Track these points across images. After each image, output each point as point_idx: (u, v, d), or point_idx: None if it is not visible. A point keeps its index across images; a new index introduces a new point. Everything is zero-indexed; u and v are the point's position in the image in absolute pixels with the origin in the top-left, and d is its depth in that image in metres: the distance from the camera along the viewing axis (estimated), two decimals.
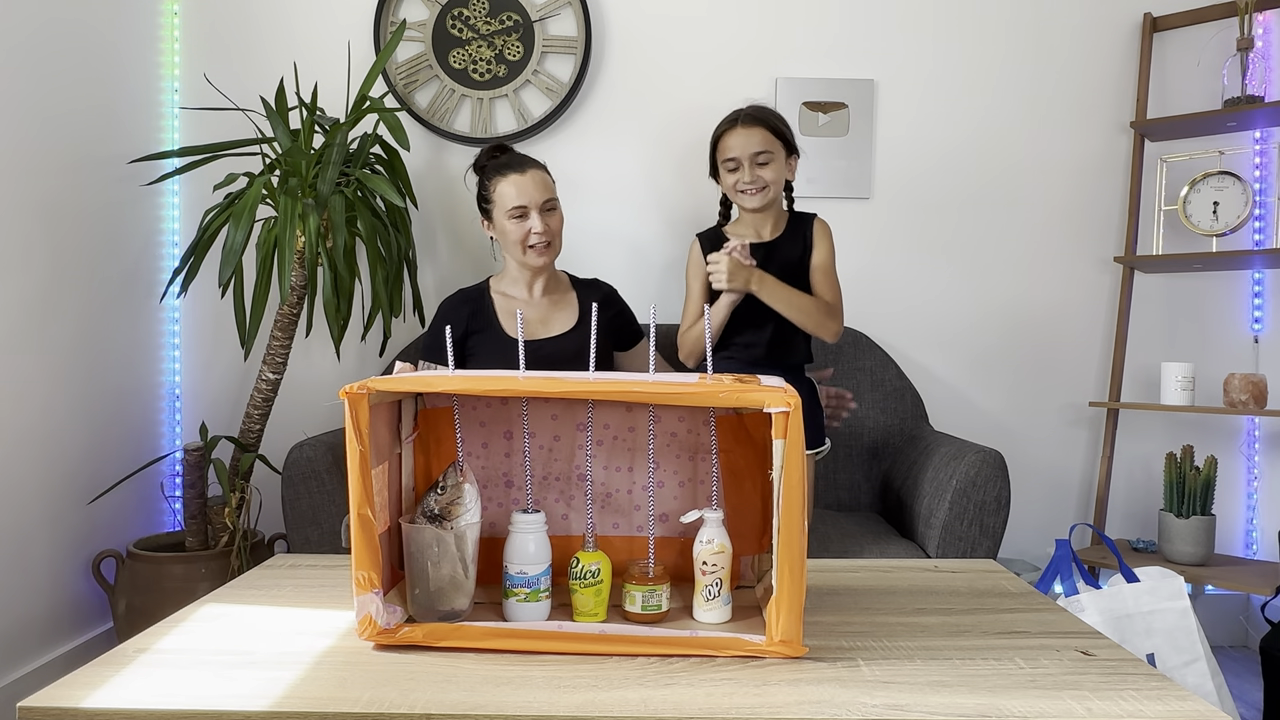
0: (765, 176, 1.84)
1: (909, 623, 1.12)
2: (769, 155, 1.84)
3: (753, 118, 1.86)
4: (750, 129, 1.84)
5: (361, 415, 0.98)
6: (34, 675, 1.97)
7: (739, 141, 1.84)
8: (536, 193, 1.92)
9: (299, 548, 1.93)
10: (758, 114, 1.86)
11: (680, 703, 0.87)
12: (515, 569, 1.05)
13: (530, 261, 1.95)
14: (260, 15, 2.53)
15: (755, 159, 1.83)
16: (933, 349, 2.56)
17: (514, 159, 1.98)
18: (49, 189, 2.05)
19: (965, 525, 1.85)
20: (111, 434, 2.27)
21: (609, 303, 2.08)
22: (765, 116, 1.86)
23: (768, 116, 1.87)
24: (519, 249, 1.94)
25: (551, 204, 1.96)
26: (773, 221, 1.91)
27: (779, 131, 1.86)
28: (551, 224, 1.95)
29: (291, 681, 0.91)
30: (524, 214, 1.92)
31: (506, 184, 1.93)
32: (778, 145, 1.85)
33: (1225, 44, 2.46)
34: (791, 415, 0.96)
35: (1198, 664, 1.69)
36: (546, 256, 1.95)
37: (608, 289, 2.12)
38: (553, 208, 1.97)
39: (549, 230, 1.93)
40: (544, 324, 2.00)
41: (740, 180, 1.84)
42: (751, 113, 1.87)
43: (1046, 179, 2.55)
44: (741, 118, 1.86)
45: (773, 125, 1.86)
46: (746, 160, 1.83)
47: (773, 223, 1.91)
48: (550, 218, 1.95)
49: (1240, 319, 2.52)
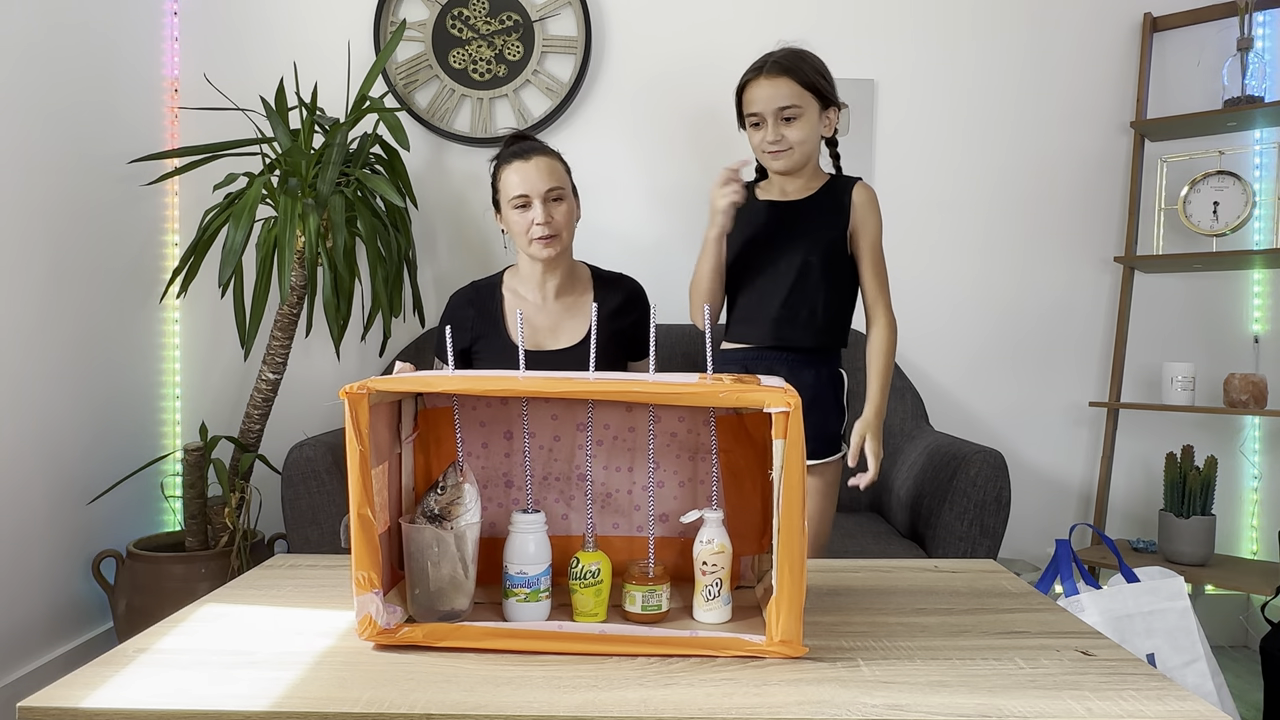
0: (790, 136, 1.61)
1: (909, 623, 1.11)
2: (797, 110, 1.60)
3: (780, 65, 1.60)
4: (776, 79, 1.60)
5: (361, 415, 0.98)
6: (34, 675, 1.97)
7: (763, 94, 1.60)
8: (540, 181, 1.79)
9: (299, 548, 1.93)
10: (786, 61, 1.60)
11: (680, 703, 0.87)
12: (515, 569, 1.05)
13: (535, 254, 1.82)
14: (260, 15, 2.53)
15: (781, 114, 1.60)
16: (933, 349, 2.56)
17: (523, 147, 1.85)
18: (49, 189, 2.05)
19: (965, 525, 1.85)
20: (111, 434, 2.27)
21: (630, 306, 1.93)
22: (794, 64, 1.60)
23: (797, 64, 1.61)
24: (525, 241, 1.82)
25: (558, 193, 1.82)
26: (804, 181, 1.69)
27: (811, 83, 1.61)
28: (557, 215, 1.81)
29: (291, 681, 0.91)
30: (526, 203, 1.80)
31: (510, 171, 1.82)
32: (809, 99, 1.61)
33: (1225, 44, 2.46)
34: (791, 415, 0.96)
35: (1198, 664, 1.69)
36: (551, 250, 1.81)
37: (631, 288, 1.96)
38: (559, 197, 1.82)
39: (553, 222, 1.79)
40: (553, 333, 1.89)
41: (764, 139, 1.63)
42: (779, 59, 1.61)
43: (1046, 179, 2.55)
44: (767, 66, 1.61)
45: (803, 75, 1.60)
46: (770, 116, 1.61)
47: (804, 183, 1.69)
48: (555, 208, 1.81)
49: (1240, 319, 2.52)
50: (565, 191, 1.85)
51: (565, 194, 1.84)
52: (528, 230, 1.81)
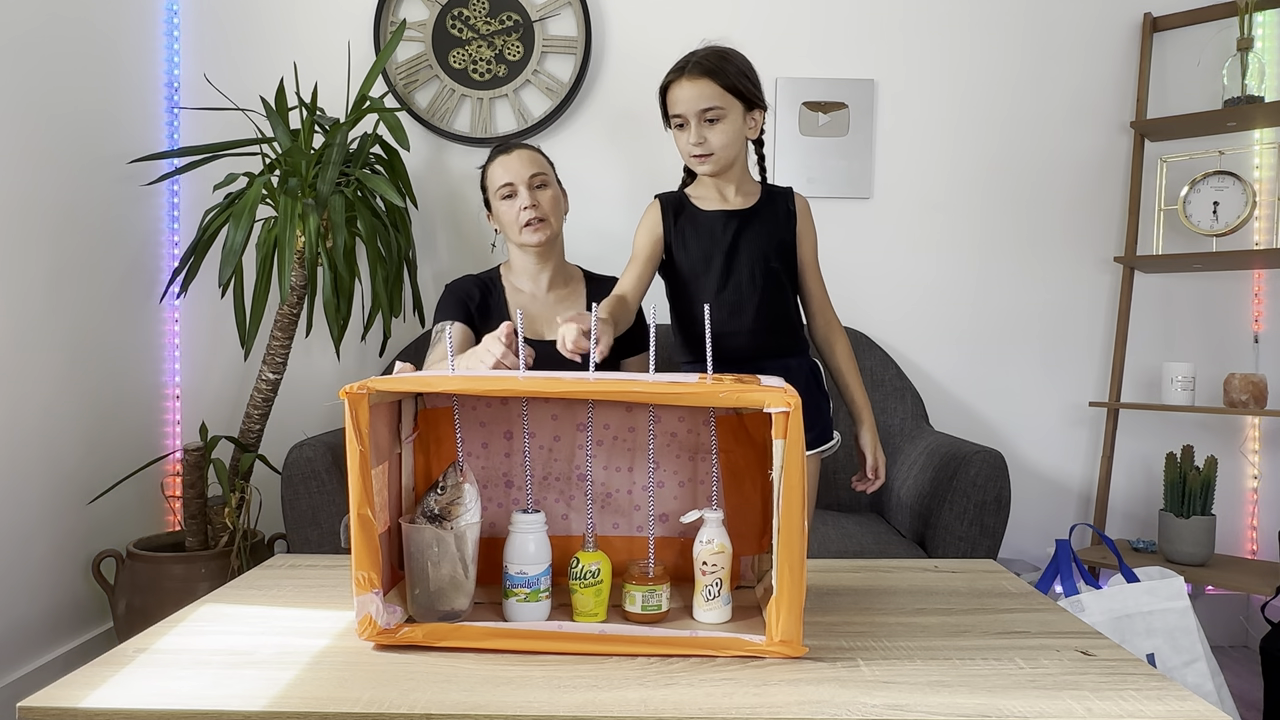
0: (713, 140, 1.56)
1: (909, 623, 1.12)
2: (720, 112, 1.55)
3: (701, 66, 1.55)
4: (697, 80, 1.54)
5: (361, 415, 0.98)
6: (34, 675, 1.97)
7: (685, 95, 1.55)
8: (523, 168, 1.84)
9: (299, 548, 1.93)
10: (707, 62, 1.55)
11: (680, 703, 0.87)
12: (515, 569, 1.05)
13: (526, 240, 1.85)
14: (260, 15, 2.53)
15: (703, 116, 1.55)
16: (933, 349, 2.56)
17: (506, 144, 1.92)
18: (49, 189, 2.05)
19: (965, 525, 1.85)
20: (111, 434, 2.27)
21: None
22: (716, 65, 1.55)
23: (720, 65, 1.55)
24: (516, 231, 1.86)
25: (542, 180, 1.87)
26: (738, 184, 1.65)
27: (733, 85, 1.56)
28: (543, 200, 1.85)
29: (291, 681, 0.91)
30: (513, 191, 1.85)
31: (495, 166, 1.88)
32: (731, 100, 1.56)
33: (1225, 44, 2.46)
34: (791, 415, 0.96)
35: (1198, 664, 1.69)
36: (541, 234, 1.84)
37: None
38: (544, 184, 1.87)
39: (539, 206, 1.84)
40: (549, 324, 1.92)
41: (689, 142, 1.57)
42: (701, 60, 1.56)
43: (1046, 179, 2.55)
44: (689, 67, 1.56)
45: (725, 77, 1.55)
46: (693, 118, 1.55)
47: (738, 186, 1.65)
48: (541, 194, 1.86)
49: (1240, 319, 2.52)
50: (549, 179, 1.89)
51: (549, 181, 1.89)
52: (517, 217, 1.85)
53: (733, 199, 1.64)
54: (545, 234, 1.85)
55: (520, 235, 1.86)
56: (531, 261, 1.90)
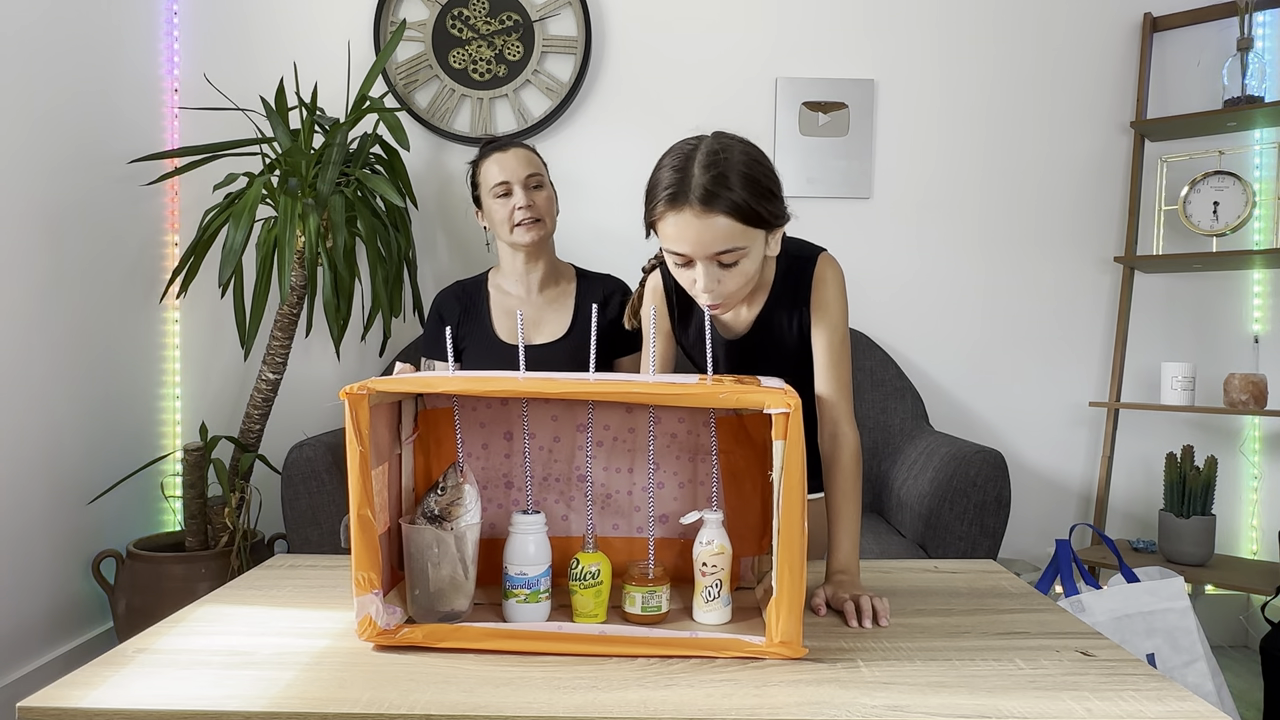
0: (729, 285, 1.19)
1: (909, 623, 1.12)
2: (740, 253, 1.16)
3: (711, 195, 1.12)
4: (707, 217, 1.13)
5: (361, 416, 0.98)
6: (34, 675, 1.97)
7: (689, 234, 1.15)
8: (519, 168, 1.85)
9: (299, 548, 1.93)
10: (717, 188, 1.12)
11: (680, 704, 0.87)
12: (515, 570, 1.05)
13: (518, 239, 1.85)
14: (260, 15, 2.53)
15: (718, 259, 1.17)
16: (933, 349, 2.56)
17: (500, 141, 1.91)
18: (49, 189, 2.05)
19: (965, 525, 1.85)
20: (111, 434, 2.27)
21: (613, 301, 1.95)
22: (731, 193, 1.12)
23: (728, 192, 1.12)
24: (507, 229, 1.86)
25: (537, 180, 1.87)
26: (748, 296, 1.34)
27: (751, 213, 1.14)
28: (538, 200, 1.86)
29: (291, 682, 0.91)
30: (508, 190, 1.85)
31: (489, 163, 1.88)
32: (753, 234, 1.16)
33: (1225, 44, 2.46)
34: (791, 416, 0.96)
35: (1198, 664, 1.69)
36: (534, 233, 1.85)
37: (614, 284, 1.98)
38: (539, 184, 1.88)
39: (535, 206, 1.84)
40: (536, 326, 1.92)
41: (697, 287, 1.20)
42: (710, 187, 1.12)
43: (1046, 179, 2.55)
44: (693, 195, 1.12)
45: (745, 210, 1.13)
46: (702, 261, 1.17)
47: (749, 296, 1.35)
48: (536, 194, 1.86)
49: (1240, 319, 2.52)
50: (544, 180, 1.91)
51: (544, 182, 1.90)
52: (510, 216, 1.85)
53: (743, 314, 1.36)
54: (538, 234, 1.86)
55: (512, 234, 1.86)
56: (521, 261, 1.91)
